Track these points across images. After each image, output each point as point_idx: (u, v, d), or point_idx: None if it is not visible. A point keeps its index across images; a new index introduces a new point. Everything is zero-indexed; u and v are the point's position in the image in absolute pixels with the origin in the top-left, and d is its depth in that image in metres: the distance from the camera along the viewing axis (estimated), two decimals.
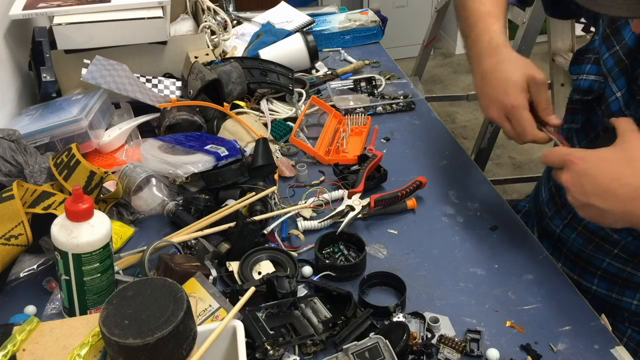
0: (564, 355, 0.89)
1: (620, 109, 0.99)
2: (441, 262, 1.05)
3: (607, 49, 1.02)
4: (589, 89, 1.08)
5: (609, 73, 1.02)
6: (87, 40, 1.39)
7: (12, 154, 1.09)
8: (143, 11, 1.41)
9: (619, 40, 1.00)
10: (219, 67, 1.38)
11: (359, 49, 1.80)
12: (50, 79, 1.39)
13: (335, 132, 1.38)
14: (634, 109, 0.97)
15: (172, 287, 0.71)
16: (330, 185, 1.22)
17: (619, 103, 0.99)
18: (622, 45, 1.00)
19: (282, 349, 0.85)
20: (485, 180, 1.26)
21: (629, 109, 0.98)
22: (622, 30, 1.00)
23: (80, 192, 0.84)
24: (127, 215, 1.15)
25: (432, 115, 1.48)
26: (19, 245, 0.97)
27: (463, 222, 1.14)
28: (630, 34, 0.99)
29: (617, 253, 1.07)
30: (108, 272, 0.90)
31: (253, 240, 1.04)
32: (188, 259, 0.98)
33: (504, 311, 0.96)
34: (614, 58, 1.01)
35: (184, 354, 0.70)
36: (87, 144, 1.26)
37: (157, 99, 1.36)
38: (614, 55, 1.01)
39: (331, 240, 1.07)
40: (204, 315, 0.87)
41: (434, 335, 0.91)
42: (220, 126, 1.32)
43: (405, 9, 3.75)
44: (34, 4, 1.41)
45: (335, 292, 0.95)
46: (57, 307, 0.95)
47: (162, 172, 1.17)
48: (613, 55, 1.01)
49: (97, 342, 0.72)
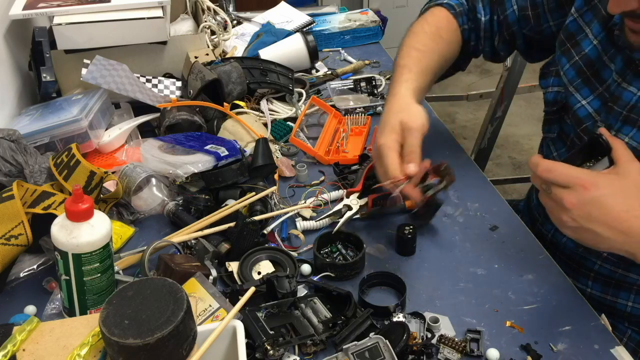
0: (564, 355, 0.89)
1: (589, 115, 1.04)
2: (441, 262, 1.05)
3: (567, 61, 1.08)
4: (553, 101, 1.13)
5: (570, 83, 1.07)
6: (87, 40, 1.39)
7: (12, 154, 1.09)
8: (143, 11, 1.41)
9: (579, 51, 1.06)
10: (219, 67, 1.38)
11: (359, 49, 1.80)
12: (50, 79, 1.40)
13: (335, 132, 1.38)
14: (604, 115, 1.02)
15: (172, 287, 0.71)
16: (330, 185, 1.22)
17: (587, 110, 1.04)
18: (582, 56, 1.06)
19: (282, 349, 0.85)
20: (485, 180, 1.26)
21: (600, 115, 1.02)
22: (581, 42, 1.06)
23: (80, 192, 0.84)
24: (127, 215, 1.15)
25: (432, 115, 1.48)
26: (19, 245, 0.97)
27: (463, 222, 1.14)
28: (591, 47, 1.05)
29: (607, 256, 1.08)
30: (108, 272, 0.90)
31: (253, 240, 1.04)
32: (188, 259, 0.98)
33: (504, 311, 0.96)
34: (575, 69, 1.07)
35: (184, 354, 0.70)
36: (87, 144, 1.26)
37: (157, 99, 1.36)
38: (574, 66, 1.07)
39: (329, 240, 1.07)
40: (204, 315, 0.87)
41: (434, 335, 0.91)
42: (220, 126, 1.32)
43: (405, 9, 3.74)
44: (34, 4, 1.41)
45: (335, 292, 0.95)
46: (57, 307, 0.95)
47: (162, 172, 1.17)
48: (574, 66, 1.07)
49: (97, 342, 0.72)
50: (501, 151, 3.15)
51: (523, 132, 3.29)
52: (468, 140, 3.10)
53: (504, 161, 3.12)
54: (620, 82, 1.00)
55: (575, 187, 0.83)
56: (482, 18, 1.23)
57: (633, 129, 0.98)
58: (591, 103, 1.05)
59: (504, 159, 3.13)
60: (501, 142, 3.06)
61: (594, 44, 1.05)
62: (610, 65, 1.03)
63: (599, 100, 1.04)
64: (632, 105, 0.98)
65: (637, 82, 0.98)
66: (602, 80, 1.04)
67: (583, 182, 0.83)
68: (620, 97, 1.00)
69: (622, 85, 0.99)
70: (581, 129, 1.07)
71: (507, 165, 3.10)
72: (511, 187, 2.82)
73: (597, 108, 1.04)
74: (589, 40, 1.06)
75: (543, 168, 0.84)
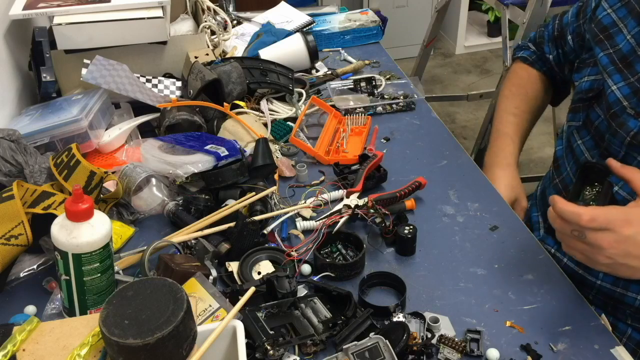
0: (564, 355, 0.89)
1: (617, 100, 1.08)
2: (441, 262, 1.05)
3: (601, 50, 1.14)
4: (589, 89, 1.17)
5: (604, 69, 1.11)
6: (87, 40, 1.38)
7: (12, 154, 1.09)
8: (143, 11, 1.41)
9: (613, 45, 1.12)
10: (219, 67, 1.38)
11: (359, 49, 1.80)
12: (50, 79, 1.39)
13: (335, 132, 1.38)
14: (635, 102, 1.05)
15: (172, 287, 0.71)
16: (331, 185, 1.22)
17: (616, 95, 1.08)
18: (616, 50, 1.11)
19: (282, 349, 0.85)
20: (485, 180, 1.26)
21: (629, 101, 1.06)
22: (615, 36, 1.11)
23: (80, 192, 0.84)
24: (127, 215, 1.15)
25: (432, 115, 1.48)
26: (19, 245, 0.97)
27: (463, 222, 1.14)
28: (625, 42, 1.09)
29: None
30: (108, 272, 0.90)
31: (253, 240, 1.04)
32: (188, 259, 0.98)
33: (504, 311, 0.96)
34: (609, 58, 1.11)
35: (184, 354, 0.70)
36: (87, 144, 1.26)
37: (157, 99, 1.36)
38: (608, 56, 1.12)
39: (329, 240, 1.07)
40: (204, 315, 0.87)
41: (434, 335, 0.91)
42: (220, 126, 1.31)
43: (405, 9, 3.75)
44: (34, 4, 1.41)
45: (335, 292, 0.95)
46: (57, 307, 0.95)
47: (162, 172, 1.17)
48: (607, 56, 1.12)
49: (97, 342, 0.72)
50: None
51: None
52: (468, 140, 3.10)
53: None
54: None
55: (613, 229, 0.86)
56: (550, 57, 1.37)
57: None
58: (621, 89, 1.08)
59: None
60: None
61: (627, 39, 1.09)
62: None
63: (629, 87, 1.07)
64: None
65: None
66: (634, 71, 1.07)
67: (619, 222, 0.86)
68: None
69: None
70: (610, 114, 1.09)
71: None
72: None
73: (627, 94, 1.07)
74: (623, 35, 1.10)
75: (588, 218, 0.86)
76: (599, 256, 0.87)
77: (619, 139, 1.07)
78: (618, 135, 1.07)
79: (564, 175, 1.23)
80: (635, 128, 1.04)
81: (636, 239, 0.86)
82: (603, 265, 0.89)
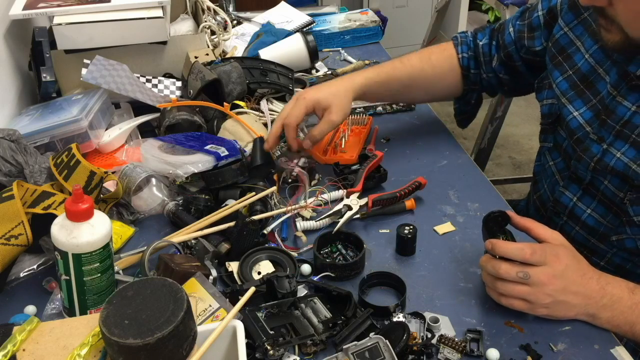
0: (564, 355, 0.89)
1: (580, 126, 1.07)
2: (441, 262, 1.05)
3: (560, 73, 1.12)
4: (548, 113, 1.17)
5: (563, 95, 1.10)
6: (87, 40, 1.39)
7: (12, 154, 1.09)
8: (143, 11, 1.41)
9: (571, 65, 1.09)
10: (219, 67, 1.38)
11: (359, 49, 1.80)
12: (50, 79, 1.40)
13: (335, 132, 1.38)
14: (596, 127, 1.04)
15: (172, 287, 0.71)
16: (331, 185, 1.22)
17: (578, 121, 1.07)
18: (575, 70, 1.09)
19: (282, 349, 0.85)
20: (485, 180, 1.26)
21: (591, 126, 1.05)
22: (574, 56, 1.09)
23: (80, 192, 0.84)
24: (127, 215, 1.15)
25: (432, 115, 1.48)
26: (19, 245, 0.97)
27: (463, 222, 1.14)
28: (583, 61, 1.07)
29: (604, 265, 1.10)
30: (108, 272, 0.90)
31: (253, 240, 1.04)
32: (188, 259, 0.98)
33: (504, 311, 0.95)
34: (568, 82, 1.10)
35: (184, 354, 0.70)
36: (87, 144, 1.26)
37: (157, 99, 1.36)
38: (567, 79, 1.10)
39: (329, 240, 1.07)
40: (204, 315, 0.87)
41: (434, 335, 0.91)
42: (220, 126, 1.31)
43: (405, 9, 3.75)
44: (34, 4, 1.41)
45: (335, 292, 0.95)
46: (57, 307, 0.95)
47: (162, 172, 1.17)
48: (567, 79, 1.10)
49: (97, 342, 0.72)
50: (501, 151, 3.15)
51: (523, 132, 3.29)
52: (468, 140, 3.10)
53: (504, 161, 3.12)
54: (615, 95, 1.00)
55: (549, 263, 0.89)
56: (480, 42, 1.31)
57: (625, 145, 0.99)
58: (583, 114, 1.07)
59: (504, 159, 3.14)
60: (501, 142, 3.06)
61: (585, 57, 1.07)
62: (605, 78, 1.03)
63: (591, 111, 1.06)
64: (625, 120, 0.99)
65: (631, 97, 0.99)
66: (596, 92, 1.05)
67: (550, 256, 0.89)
68: (615, 111, 1.00)
69: (616, 98, 1.00)
70: (574, 140, 1.08)
71: (507, 165, 3.10)
72: (511, 187, 2.82)
73: (588, 119, 1.06)
74: (581, 54, 1.08)
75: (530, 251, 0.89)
76: (541, 295, 0.89)
77: (583, 164, 1.06)
78: (583, 160, 1.06)
79: (541, 192, 1.23)
80: (598, 153, 1.03)
81: (567, 274, 0.89)
82: (543, 307, 0.90)
